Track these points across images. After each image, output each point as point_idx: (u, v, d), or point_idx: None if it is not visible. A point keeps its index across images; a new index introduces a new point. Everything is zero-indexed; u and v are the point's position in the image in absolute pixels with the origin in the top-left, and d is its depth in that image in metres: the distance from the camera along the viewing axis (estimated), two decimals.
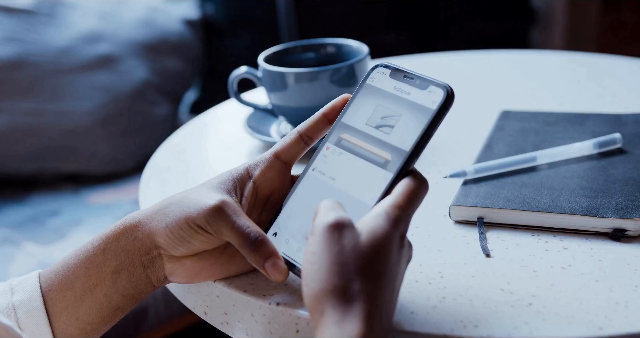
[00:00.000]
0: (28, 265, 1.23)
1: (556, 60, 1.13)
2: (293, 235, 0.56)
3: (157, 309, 1.24)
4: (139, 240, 0.57)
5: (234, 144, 0.90)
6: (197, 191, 0.57)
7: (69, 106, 1.51)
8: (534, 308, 0.54)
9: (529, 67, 1.09)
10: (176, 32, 1.65)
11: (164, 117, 1.61)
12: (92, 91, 1.52)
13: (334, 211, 0.50)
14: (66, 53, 1.52)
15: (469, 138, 0.83)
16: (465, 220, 0.66)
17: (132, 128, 1.56)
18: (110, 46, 1.56)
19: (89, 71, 1.53)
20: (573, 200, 0.65)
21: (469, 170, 0.70)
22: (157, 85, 1.60)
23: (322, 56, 0.89)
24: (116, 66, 1.55)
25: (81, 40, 1.54)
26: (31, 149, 1.50)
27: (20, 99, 1.49)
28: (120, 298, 0.58)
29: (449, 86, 0.54)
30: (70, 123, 1.51)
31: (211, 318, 0.62)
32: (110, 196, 1.48)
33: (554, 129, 0.80)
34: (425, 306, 0.55)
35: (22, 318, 0.56)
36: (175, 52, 1.65)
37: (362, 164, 0.55)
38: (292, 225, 0.57)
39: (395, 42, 1.80)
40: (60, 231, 1.36)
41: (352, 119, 0.57)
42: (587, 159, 0.73)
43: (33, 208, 1.45)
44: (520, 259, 0.60)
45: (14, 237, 1.33)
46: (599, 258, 0.59)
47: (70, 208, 1.44)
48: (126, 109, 1.55)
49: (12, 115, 1.48)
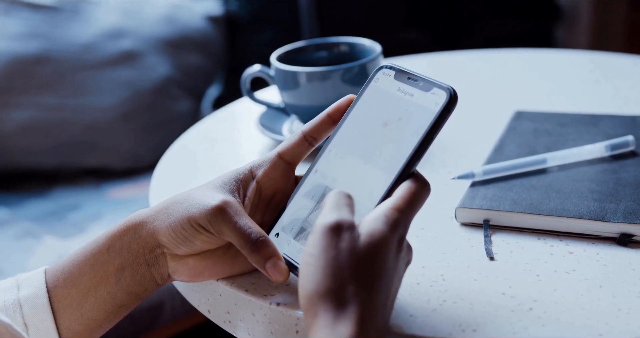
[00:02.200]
0: (48, 259, 1.25)
1: (576, 59, 1.11)
2: (294, 236, 0.56)
3: (173, 304, 1.24)
4: (142, 239, 0.57)
5: (247, 142, 0.90)
6: (200, 191, 0.57)
7: (91, 101, 1.52)
8: (535, 313, 0.53)
9: (548, 66, 1.08)
10: (199, 28, 1.66)
11: (186, 113, 1.62)
12: (114, 87, 1.54)
13: (337, 210, 0.50)
14: (89, 49, 1.54)
15: (480, 138, 0.83)
16: (471, 222, 0.66)
17: (153, 123, 1.57)
18: (133, 41, 1.57)
19: (111, 67, 1.54)
20: (581, 204, 0.64)
21: (477, 172, 0.70)
22: (178, 81, 1.61)
23: (335, 54, 0.89)
24: (138, 61, 1.57)
25: (104, 36, 1.56)
26: (53, 144, 1.52)
27: (43, 94, 1.51)
28: (124, 295, 0.58)
29: (452, 88, 0.53)
30: (92, 118, 1.52)
31: (214, 316, 0.63)
32: (131, 191, 1.50)
33: (566, 131, 0.79)
34: (425, 309, 0.55)
35: (28, 314, 0.57)
36: (197, 48, 1.66)
37: (363, 166, 0.55)
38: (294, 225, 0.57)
39: (416, 40, 1.79)
40: (81, 225, 1.38)
41: (356, 120, 0.57)
42: (598, 161, 0.72)
43: (54, 201, 1.46)
44: (524, 263, 0.60)
45: (35, 230, 1.35)
46: (604, 264, 0.59)
47: (91, 203, 1.45)
48: (148, 104, 1.56)
49: (35, 110, 1.50)
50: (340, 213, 0.50)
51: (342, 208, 0.50)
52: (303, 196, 0.57)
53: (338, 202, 0.51)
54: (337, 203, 0.51)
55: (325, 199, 0.52)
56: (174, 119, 1.59)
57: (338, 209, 0.50)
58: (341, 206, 0.51)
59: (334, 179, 0.56)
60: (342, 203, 0.51)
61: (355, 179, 0.55)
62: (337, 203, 0.51)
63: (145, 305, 1.21)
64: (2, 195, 1.49)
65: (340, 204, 0.51)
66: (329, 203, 0.51)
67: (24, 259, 1.26)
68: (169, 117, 1.59)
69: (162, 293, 1.22)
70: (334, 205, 0.51)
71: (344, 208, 0.51)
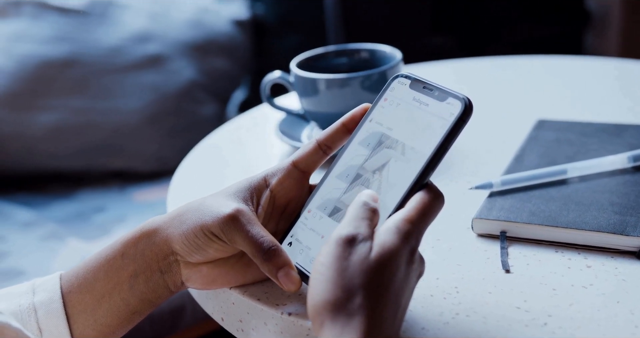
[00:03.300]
0: (71, 260, 1.26)
1: (602, 67, 1.10)
2: (308, 246, 0.56)
3: (194, 308, 1.25)
4: (156, 246, 0.57)
5: (266, 148, 0.90)
6: (213, 199, 0.57)
7: (118, 104, 1.54)
8: (549, 328, 0.52)
9: (573, 74, 1.06)
10: (225, 32, 1.67)
11: (211, 116, 1.63)
12: (140, 90, 1.55)
13: (354, 223, 0.50)
14: (116, 52, 1.55)
15: (501, 147, 0.82)
16: (488, 234, 0.65)
17: (179, 127, 1.58)
18: (159, 45, 1.58)
19: (137, 71, 1.56)
20: (600, 216, 0.63)
21: (495, 182, 0.69)
22: (204, 85, 1.62)
23: (355, 61, 0.88)
24: (165, 65, 1.58)
25: (131, 40, 1.57)
26: (80, 146, 1.53)
27: (70, 97, 1.52)
28: (137, 302, 0.58)
29: (468, 99, 0.52)
30: (119, 121, 1.54)
31: (227, 324, 0.63)
32: (155, 194, 1.51)
33: (589, 141, 0.78)
34: (437, 322, 0.54)
35: (42, 319, 0.57)
36: (223, 52, 1.66)
37: (377, 176, 0.54)
38: (307, 235, 0.57)
39: (442, 46, 1.78)
40: (105, 227, 1.39)
41: (370, 129, 0.56)
42: (620, 173, 0.70)
43: (80, 203, 1.48)
44: (540, 276, 0.59)
45: (60, 232, 1.36)
46: (622, 278, 0.57)
47: (116, 205, 1.47)
48: (173, 108, 1.57)
49: (63, 112, 1.52)
50: (358, 227, 0.49)
51: (361, 221, 0.50)
52: (336, 177, 0.57)
53: (359, 215, 0.51)
54: (357, 215, 0.51)
55: (349, 207, 0.51)
56: (199, 123, 1.60)
57: (356, 221, 0.50)
58: (360, 219, 0.50)
59: (347, 189, 0.56)
60: (362, 216, 0.50)
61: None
62: (357, 216, 0.50)
63: (166, 309, 1.22)
64: (29, 197, 1.51)
65: (360, 217, 0.50)
66: (350, 213, 0.51)
67: (48, 260, 1.27)
68: (194, 121, 1.60)
69: (183, 298, 1.23)
70: (354, 217, 0.50)
71: (363, 221, 0.50)
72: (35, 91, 1.51)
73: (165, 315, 1.22)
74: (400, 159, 0.53)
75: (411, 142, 0.53)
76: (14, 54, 1.51)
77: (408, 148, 0.53)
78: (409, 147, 0.53)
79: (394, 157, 0.54)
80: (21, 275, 1.22)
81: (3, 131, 1.50)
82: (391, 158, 0.54)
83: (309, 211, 0.57)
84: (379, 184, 0.54)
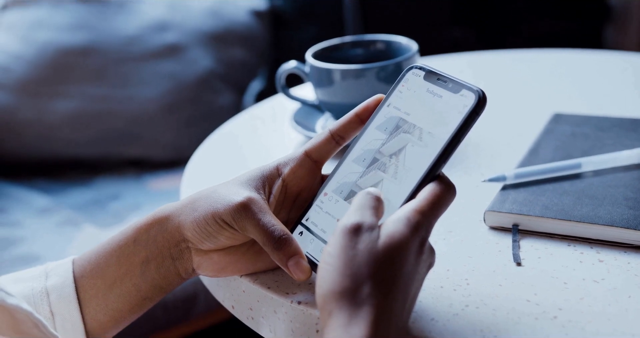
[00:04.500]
0: (86, 247, 1.27)
1: (620, 61, 1.09)
2: (323, 229, 0.56)
3: (207, 295, 1.25)
4: (168, 232, 0.58)
5: (280, 138, 0.90)
6: (225, 187, 0.57)
7: (135, 93, 1.55)
8: (559, 321, 0.52)
9: (592, 68, 1.05)
10: (243, 22, 1.67)
11: (228, 106, 1.63)
12: (157, 79, 1.56)
13: (360, 211, 0.50)
14: (134, 41, 1.56)
15: (517, 140, 0.81)
16: (500, 226, 0.65)
17: (195, 116, 1.59)
18: (178, 35, 1.59)
19: (155, 59, 1.56)
20: (614, 211, 0.62)
21: (509, 175, 0.68)
22: (222, 74, 1.62)
23: (371, 52, 0.88)
24: (182, 54, 1.58)
25: (149, 29, 1.57)
26: (97, 134, 1.54)
27: (88, 85, 1.53)
28: (148, 288, 0.59)
29: (481, 91, 0.52)
30: (136, 110, 1.54)
31: (238, 312, 0.63)
32: (171, 183, 1.52)
33: (605, 135, 0.77)
34: (446, 313, 0.54)
35: (55, 303, 0.58)
36: (241, 42, 1.66)
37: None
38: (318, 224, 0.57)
39: (461, 38, 1.77)
40: (121, 214, 1.40)
41: (388, 114, 0.56)
42: (635, 168, 0.70)
43: (96, 191, 1.49)
44: (552, 270, 0.58)
45: (76, 218, 1.37)
46: (635, 273, 0.57)
47: (132, 193, 1.48)
48: (191, 97, 1.58)
49: (81, 100, 1.53)
50: (363, 215, 0.50)
51: (365, 210, 0.50)
52: (353, 161, 0.57)
53: (364, 204, 0.51)
54: (362, 204, 0.51)
55: (354, 198, 0.52)
56: (216, 112, 1.60)
57: (362, 210, 0.50)
58: (365, 208, 0.50)
59: (359, 178, 0.56)
60: (367, 205, 0.51)
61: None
62: (362, 205, 0.51)
63: (180, 296, 1.23)
64: (46, 183, 1.52)
65: (365, 206, 0.50)
66: (355, 203, 0.51)
67: (63, 246, 1.28)
68: (211, 111, 1.60)
69: (196, 286, 1.24)
70: (358, 206, 0.51)
71: (368, 210, 0.50)
72: (53, 78, 1.52)
73: (178, 302, 1.23)
74: (417, 144, 0.53)
75: (428, 127, 0.53)
76: (34, 41, 1.52)
77: (425, 133, 0.53)
78: (426, 132, 0.53)
79: (411, 142, 0.54)
80: (37, 260, 1.24)
81: (22, 117, 1.51)
82: (408, 142, 0.54)
83: (325, 195, 0.57)
84: (395, 169, 0.54)
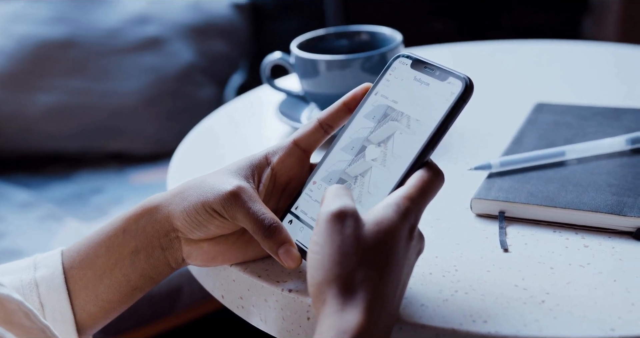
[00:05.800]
0: (69, 241, 1.26)
1: (601, 52, 1.10)
2: (312, 217, 0.56)
3: (192, 289, 1.25)
4: (157, 222, 0.58)
5: (266, 129, 0.90)
6: (215, 176, 0.57)
7: (116, 86, 1.54)
8: (547, 305, 0.53)
9: (572, 58, 1.07)
10: (224, 15, 1.66)
11: (209, 99, 1.63)
12: (138, 72, 1.55)
13: (338, 198, 0.50)
14: (115, 34, 1.55)
15: (501, 129, 0.82)
16: (486, 214, 0.65)
17: (177, 109, 1.58)
18: (158, 27, 1.58)
19: (136, 52, 1.55)
20: (598, 197, 0.63)
21: (494, 163, 0.69)
22: (202, 67, 1.62)
23: (356, 43, 0.89)
24: (163, 47, 1.57)
25: (130, 22, 1.57)
26: (78, 128, 1.53)
27: (68, 78, 1.52)
28: (138, 278, 0.59)
29: (468, 78, 0.53)
30: (117, 103, 1.54)
31: (228, 302, 0.63)
32: (153, 176, 1.51)
33: (587, 124, 0.78)
34: (436, 299, 0.55)
35: (44, 294, 0.58)
36: (222, 35, 1.66)
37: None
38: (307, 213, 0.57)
39: (442, 30, 1.78)
40: (103, 208, 1.39)
41: (375, 102, 0.57)
42: (618, 155, 0.71)
43: (78, 185, 1.48)
44: (538, 255, 0.59)
45: (58, 213, 1.36)
46: (619, 258, 0.58)
47: (114, 187, 1.47)
48: (172, 90, 1.57)
49: (61, 94, 1.52)
50: (342, 201, 0.50)
51: (342, 197, 0.50)
52: (341, 149, 0.57)
53: (338, 192, 0.51)
54: (337, 192, 0.51)
55: (323, 193, 0.52)
56: (197, 106, 1.60)
57: (339, 197, 0.50)
58: (341, 195, 0.51)
59: (347, 166, 0.56)
60: (342, 193, 0.51)
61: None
62: (337, 193, 0.51)
63: (164, 289, 1.23)
64: (27, 178, 1.51)
65: (340, 194, 0.51)
66: (329, 193, 0.51)
67: (45, 241, 1.27)
68: (193, 104, 1.60)
69: (181, 278, 1.24)
70: (334, 194, 0.51)
71: (344, 196, 0.51)
72: (33, 71, 1.50)
73: (163, 295, 1.23)
74: (405, 132, 0.54)
75: (416, 115, 0.54)
76: (13, 34, 1.51)
77: (413, 121, 0.54)
78: (414, 119, 0.54)
79: (399, 129, 0.54)
80: (19, 255, 1.23)
81: (1, 111, 1.50)
82: (396, 130, 0.54)
83: (314, 183, 0.57)
84: (383, 156, 0.54)
